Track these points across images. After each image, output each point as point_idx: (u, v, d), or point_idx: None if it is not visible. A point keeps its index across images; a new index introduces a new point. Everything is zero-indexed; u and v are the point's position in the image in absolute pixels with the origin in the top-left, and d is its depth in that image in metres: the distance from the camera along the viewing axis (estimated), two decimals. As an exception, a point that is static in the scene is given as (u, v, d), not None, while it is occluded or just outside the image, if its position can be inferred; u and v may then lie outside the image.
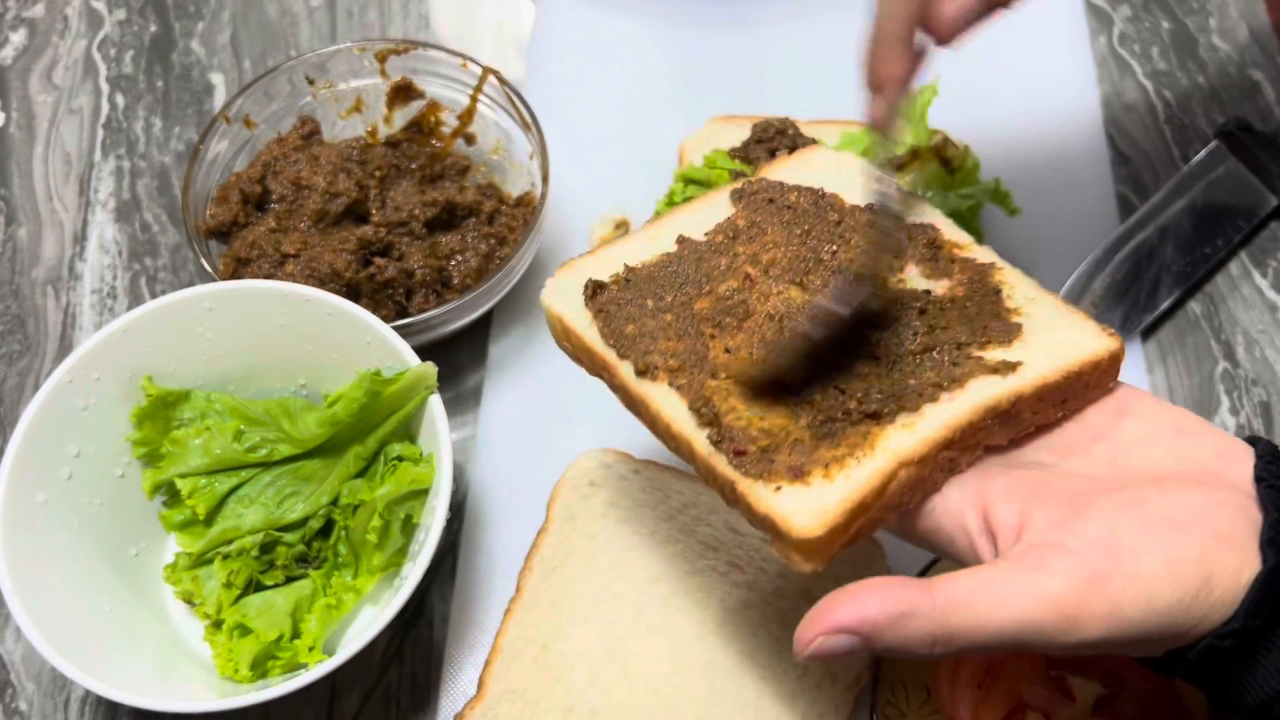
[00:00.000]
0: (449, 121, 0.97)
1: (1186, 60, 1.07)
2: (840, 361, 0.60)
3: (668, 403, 0.59)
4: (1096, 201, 0.98)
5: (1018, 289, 0.63)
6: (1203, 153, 0.98)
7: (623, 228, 0.97)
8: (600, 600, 0.77)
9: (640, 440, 0.86)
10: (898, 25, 0.63)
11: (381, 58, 0.96)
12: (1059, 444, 0.58)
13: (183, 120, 1.07)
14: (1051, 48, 1.07)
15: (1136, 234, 0.94)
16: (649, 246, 0.67)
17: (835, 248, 0.65)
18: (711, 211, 0.69)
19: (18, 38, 1.12)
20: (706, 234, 0.67)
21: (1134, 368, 0.90)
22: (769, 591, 0.77)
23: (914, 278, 0.64)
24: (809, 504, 0.53)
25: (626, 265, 0.65)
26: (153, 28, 1.12)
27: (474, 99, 0.96)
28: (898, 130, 0.65)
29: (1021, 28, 1.08)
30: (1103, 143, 1.01)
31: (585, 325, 0.63)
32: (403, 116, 0.97)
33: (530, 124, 0.92)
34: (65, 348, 0.94)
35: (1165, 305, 0.92)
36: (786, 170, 0.71)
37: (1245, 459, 0.54)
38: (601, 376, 0.64)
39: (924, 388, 0.57)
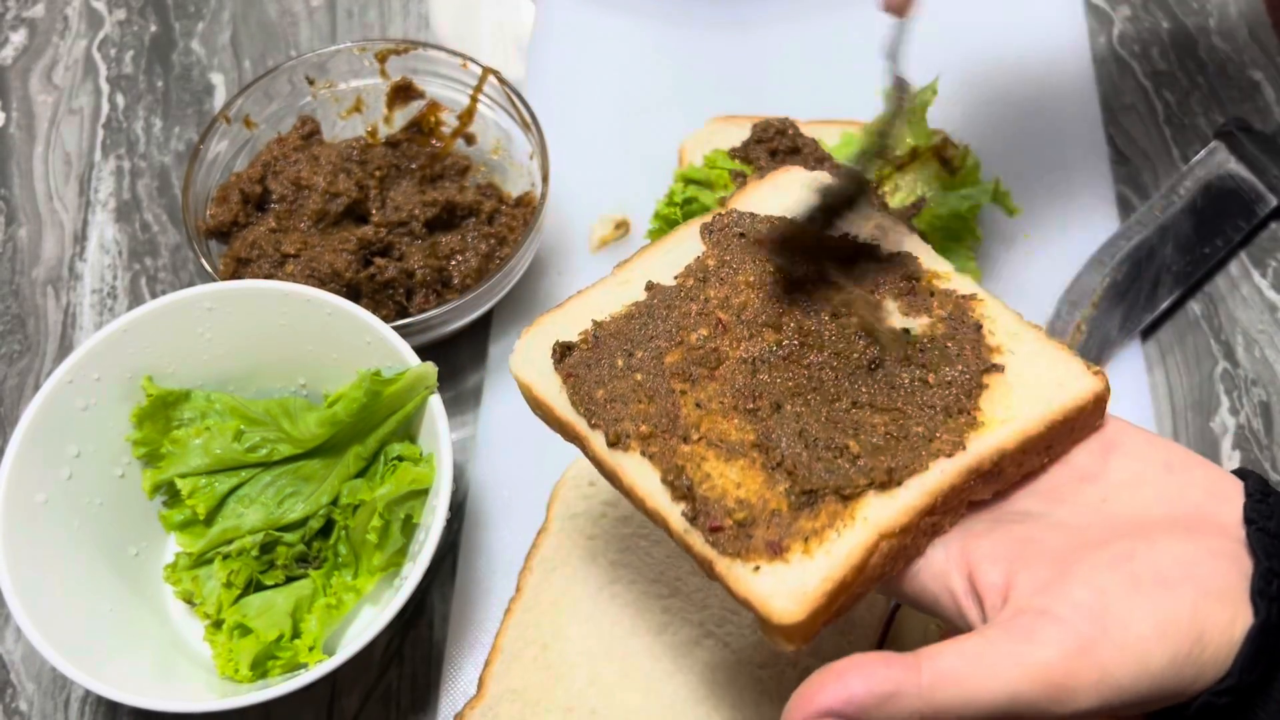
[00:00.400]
0: (449, 121, 0.97)
1: (1186, 60, 1.07)
2: (818, 395, 0.58)
3: (641, 474, 0.57)
4: (1096, 201, 0.98)
5: (999, 323, 0.60)
6: (1202, 153, 0.98)
7: (623, 228, 0.97)
8: (600, 600, 0.77)
9: (640, 440, 0.86)
10: None
11: (382, 58, 0.96)
12: (1045, 490, 0.56)
13: (183, 120, 1.07)
14: (1051, 47, 1.07)
15: (1136, 234, 0.94)
16: (618, 294, 0.64)
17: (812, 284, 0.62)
18: (681, 249, 0.66)
19: (18, 38, 1.12)
20: (676, 277, 0.64)
21: (1134, 368, 0.90)
22: (769, 591, 0.77)
23: (892, 313, 0.61)
24: (788, 584, 0.52)
25: (594, 321, 0.62)
26: (153, 28, 1.13)
27: (474, 99, 0.96)
28: (911, 18, 0.68)
29: (1021, 28, 1.09)
30: (1102, 142, 1.01)
31: (555, 393, 0.61)
32: (403, 116, 0.97)
33: (530, 124, 0.92)
34: (65, 348, 0.94)
35: (1165, 305, 0.92)
36: (758, 196, 0.68)
37: (1236, 497, 0.52)
38: (576, 445, 0.61)
39: (905, 457, 0.55)
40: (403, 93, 0.97)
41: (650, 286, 0.64)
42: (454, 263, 0.89)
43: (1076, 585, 0.49)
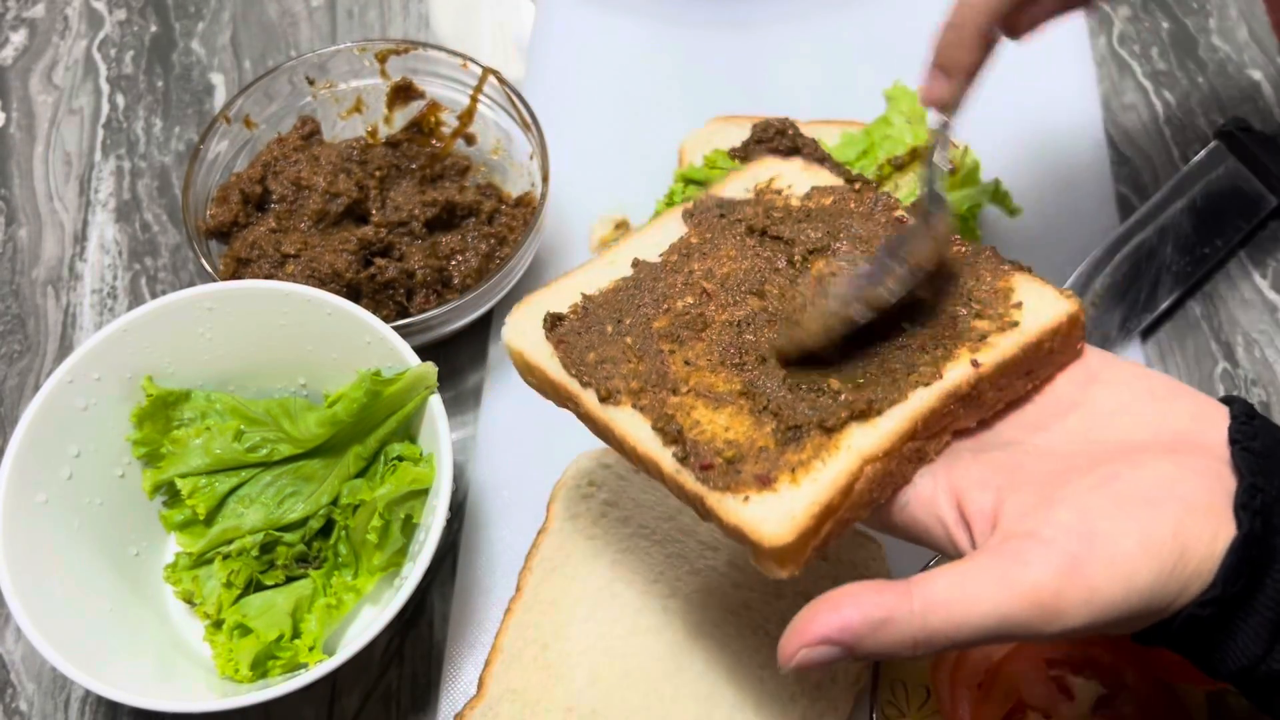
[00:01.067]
0: (449, 122, 0.97)
1: (1186, 60, 1.07)
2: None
3: (632, 425, 0.59)
4: (1096, 201, 0.98)
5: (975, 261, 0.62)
6: (1202, 153, 0.98)
7: (623, 228, 0.97)
8: (600, 600, 0.77)
9: (640, 440, 0.86)
10: (980, 15, 0.65)
11: (382, 58, 0.96)
12: (1029, 419, 0.58)
13: (183, 120, 1.07)
14: (1051, 48, 1.07)
15: (1136, 234, 0.94)
16: (606, 273, 0.67)
17: (792, 253, 0.65)
18: (665, 233, 0.69)
19: (18, 38, 1.12)
20: (661, 255, 0.67)
21: (1134, 368, 0.90)
22: (768, 591, 0.77)
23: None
24: (777, 511, 0.53)
25: (584, 295, 0.65)
26: (153, 28, 1.13)
27: (474, 99, 0.96)
28: (956, 116, 0.68)
29: (1021, 28, 1.09)
30: (1102, 143, 1.01)
31: (546, 357, 0.63)
32: (403, 117, 0.97)
33: (530, 124, 0.92)
34: (65, 348, 0.94)
35: (1165, 305, 0.92)
36: (737, 183, 0.71)
37: (1220, 420, 0.53)
38: (568, 407, 0.64)
39: (886, 389, 0.57)
40: (403, 93, 0.97)
41: (637, 263, 0.66)
42: (454, 263, 0.89)
43: (1062, 507, 0.50)
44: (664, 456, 0.57)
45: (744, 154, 0.93)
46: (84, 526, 0.75)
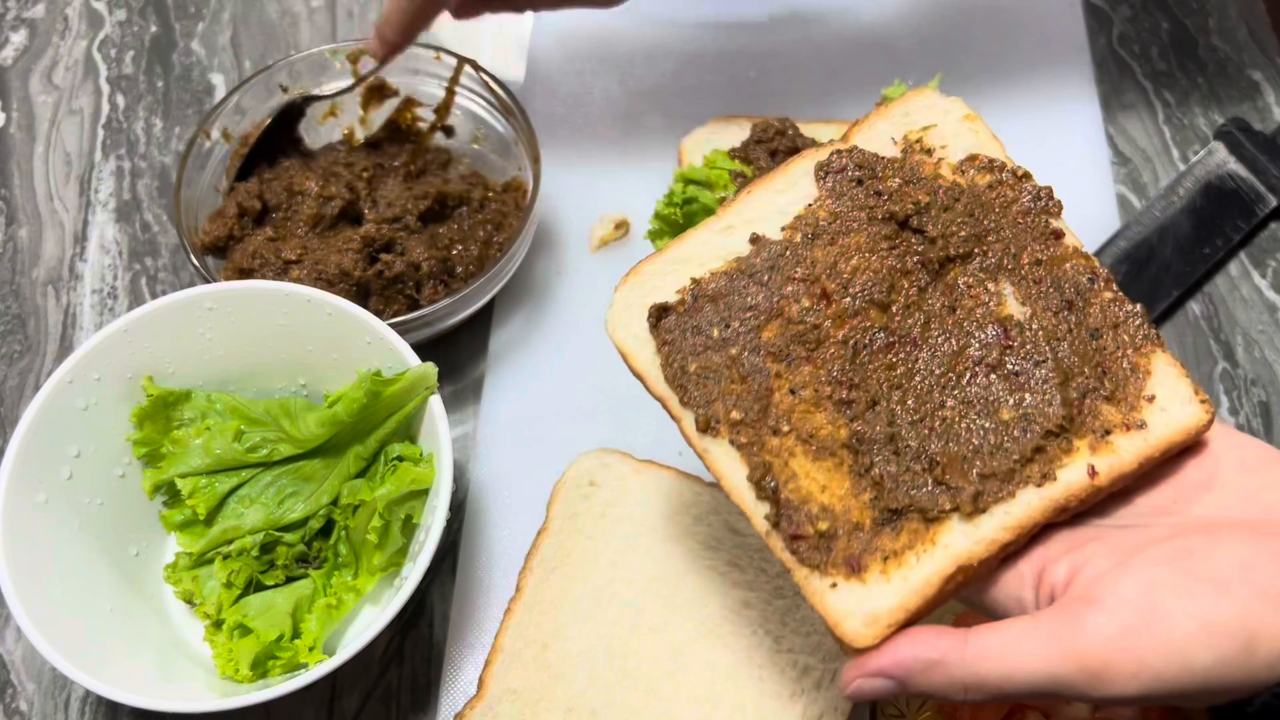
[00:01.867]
0: (425, 117, 0.97)
1: (1186, 60, 1.07)
2: (916, 390, 0.56)
3: (728, 464, 0.55)
4: (1096, 201, 0.98)
5: (1123, 328, 0.56)
6: (1202, 153, 0.98)
7: (623, 228, 0.97)
8: (600, 600, 0.77)
9: (640, 440, 0.86)
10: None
11: (353, 59, 0.95)
12: (1118, 493, 0.56)
13: (183, 121, 1.07)
14: (1050, 47, 1.07)
15: (1136, 234, 0.94)
16: (720, 244, 0.60)
17: (929, 254, 0.58)
18: (793, 191, 0.61)
19: (18, 38, 1.12)
20: (784, 228, 0.60)
21: (1133, 368, 0.90)
22: (768, 591, 0.77)
23: (1006, 298, 0.58)
24: (863, 608, 0.51)
25: (693, 280, 0.59)
26: (153, 28, 1.13)
27: (450, 91, 0.96)
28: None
29: (1020, 27, 1.09)
30: (1102, 142, 1.01)
31: (649, 359, 0.59)
32: (379, 116, 0.97)
33: (512, 108, 0.92)
34: (66, 348, 0.94)
35: (1165, 305, 0.92)
36: (884, 126, 0.63)
37: None
38: (670, 416, 0.59)
39: (994, 484, 0.53)
40: (377, 92, 0.96)
41: (756, 240, 0.60)
42: (455, 252, 0.90)
43: (1129, 578, 0.50)
44: (756, 513, 0.54)
45: (744, 154, 0.93)
46: (84, 527, 0.75)
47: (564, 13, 1.10)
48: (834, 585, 0.52)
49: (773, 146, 0.91)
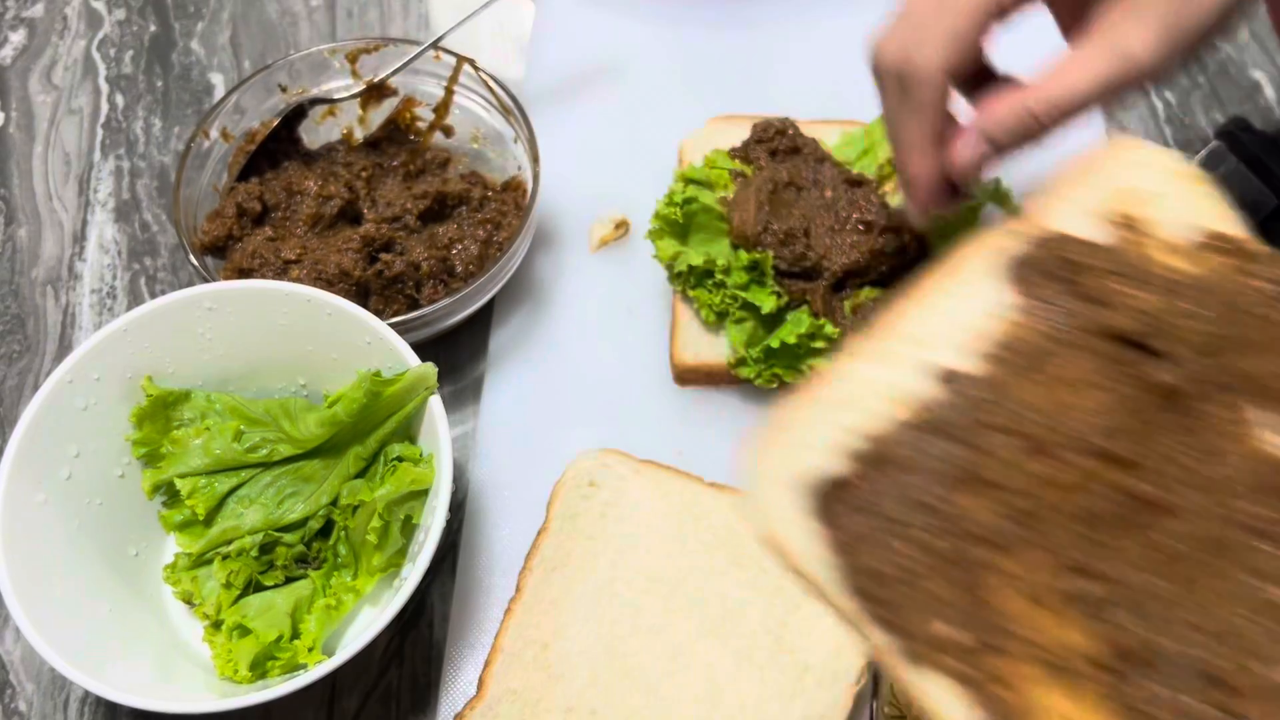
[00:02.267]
0: (424, 116, 0.97)
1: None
2: (1183, 577, 0.39)
3: (946, 703, 0.39)
4: (1097, 201, 0.98)
5: None
6: (1203, 153, 0.98)
7: (622, 228, 0.97)
8: (600, 600, 0.77)
9: (640, 440, 0.86)
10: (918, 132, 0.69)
11: (352, 58, 0.95)
12: None
13: (182, 120, 1.06)
14: (1050, 48, 1.07)
15: (1137, 234, 0.94)
16: (888, 378, 0.44)
17: (1173, 383, 0.42)
18: (974, 300, 0.45)
19: (17, 37, 1.12)
20: (970, 354, 0.44)
21: (1134, 368, 0.89)
22: (768, 591, 0.77)
23: (1265, 435, 0.41)
24: None
25: (863, 436, 0.43)
26: (152, 27, 1.12)
27: (449, 90, 0.96)
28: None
29: (1020, 28, 1.09)
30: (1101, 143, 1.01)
31: (817, 554, 0.41)
32: (378, 116, 0.97)
33: (512, 108, 0.92)
34: (65, 348, 0.94)
35: (1165, 305, 0.92)
36: (1082, 201, 0.48)
37: None
38: (847, 624, 0.42)
39: None
40: (376, 92, 0.96)
41: (940, 375, 0.44)
42: (455, 251, 0.90)
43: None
44: None
45: (744, 154, 0.93)
46: (83, 527, 0.75)
47: (564, 12, 1.11)
48: None
49: (773, 146, 0.91)
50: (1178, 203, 0.48)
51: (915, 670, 0.40)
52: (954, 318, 0.45)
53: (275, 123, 0.92)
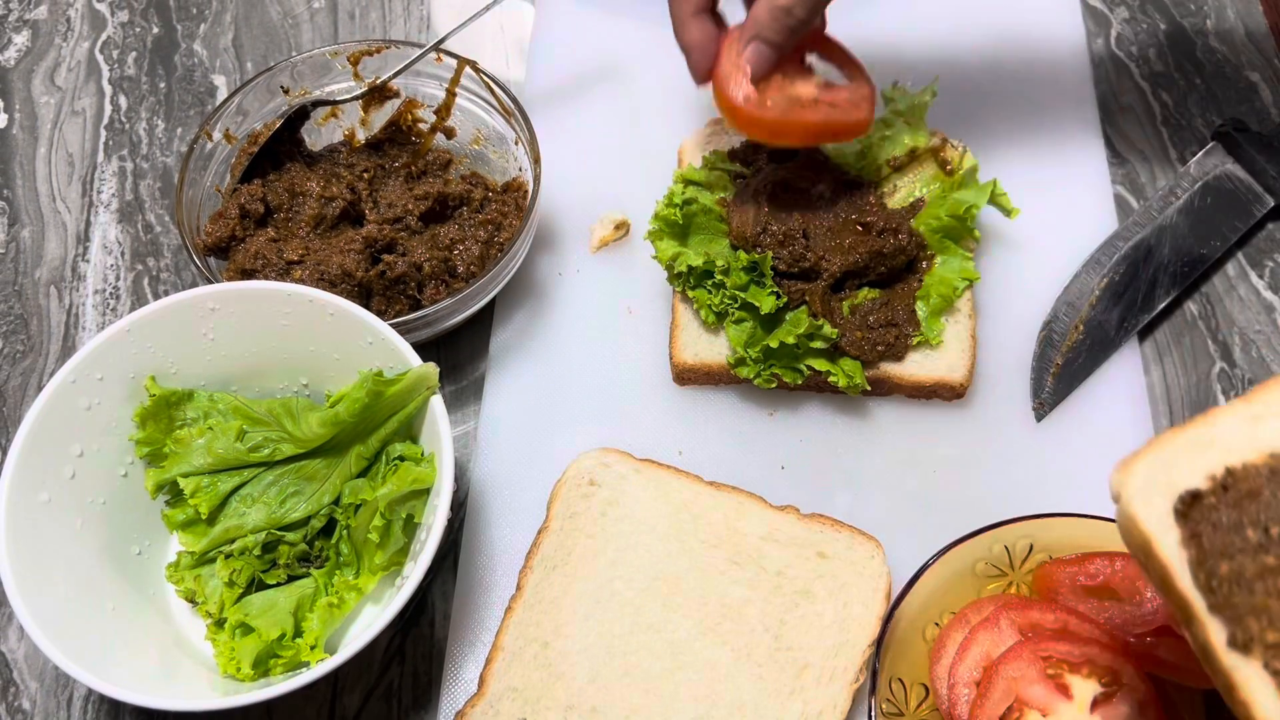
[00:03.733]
0: (426, 118, 0.97)
1: (1184, 62, 1.07)
2: None
3: (1260, 690, 0.50)
4: (1094, 202, 0.98)
5: None
6: (1200, 154, 0.98)
7: (623, 228, 0.97)
8: (600, 599, 0.77)
9: (640, 440, 0.87)
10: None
11: (354, 60, 0.95)
12: None
13: (185, 122, 1.07)
14: (1049, 49, 1.08)
15: (1134, 234, 0.94)
16: (1253, 432, 0.55)
17: None
18: None
19: (21, 39, 1.12)
20: None
21: (1131, 368, 0.90)
22: (768, 589, 0.77)
23: None
24: None
25: (1227, 469, 0.53)
26: (155, 30, 1.13)
27: (450, 92, 0.96)
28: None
29: (1020, 29, 1.09)
30: (1100, 143, 1.02)
31: (1173, 548, 0.52)
32: (380, 117, 0.98)
33: (513, 110, 0.92)
34: (68, 348, 0.94)
35: (1162, 305, 0.92)
36: None
37: None
38: (1180, 615, 0.54)
39: None
40: (377, 93, 0.97)
41: None
42: (456, 252, 0.90)
43: None
44: None
45: (743, 155, 0.93)
46: (87, 526, 0.76)
47: (564, 15, 1.11)
48: None
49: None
50: None
51: (1236, 656, 0.50)
52: None
53: (278, 124, 0.93)
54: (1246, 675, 0.50)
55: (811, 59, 0.86)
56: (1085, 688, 0.69)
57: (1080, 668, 0.69)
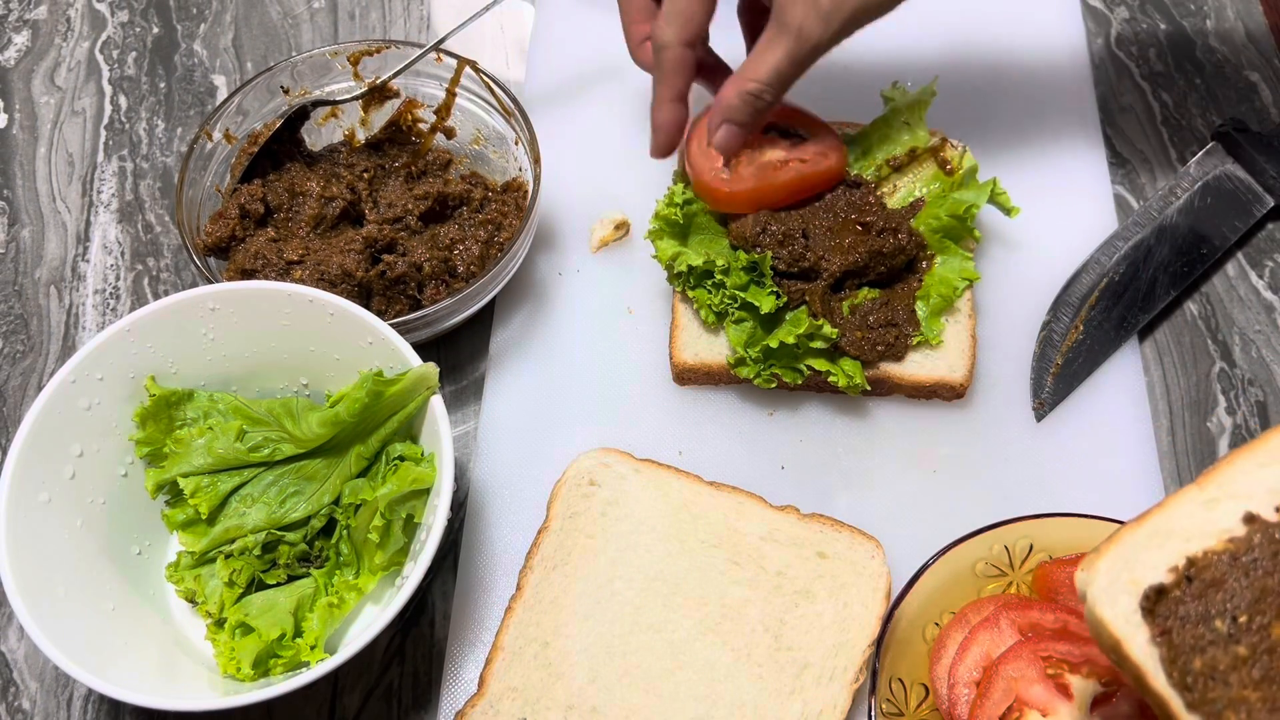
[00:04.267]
0: (426, 118, 0.97)
1: (1183, 62, 1.07)
2: None
3: None
4: (1094, 202, 0.98)
5: None
6: (1199, 154, 0.98)
7: (623, 228, 0.97)
8: (600, 598, 0.77)
9: (640, 440, 0.87)
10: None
11: (354, 60, 0.95)
12: None
13: (185, 122, 1.07)
14: (1049, 49, 1.08)
15: (1134, 234, 0.94)
16: (1206, 519, 0.55)
17: None
18: (1278, 466, 0.56)
19: (21, 39, 1.12)
20: (1278, 508, 0.55)
21: (1131, 368, 0.90)
22: (767, 589, 0.77)
23: None
24: None
25: (1188, 560, 0.54)
26: (155, 29, 1.13)
27: (450, 92, 0.96)
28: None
29: (1019, 29, 1.09)
30: (1100, 144, 1.02)
31: (1144, 648, 0.53)
32: (380, 117, 0.98)
33: (513, 110, 0.92)
34: (68, 348, 0.94)
35: (1162, 305, 0.92)
36: None
37: None
38: (1157, 711, 0.54)
39: None
40: (377, 93, 0.97)
41: (1250, 520, 0.55)
42: (456, 252, 0.90)
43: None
44: None
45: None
46: (87, 526, 0.76)
47: (564, 15, 1.11)
48: None
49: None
50: None
51: None
52: (1259, 478, 0.56)
53: (278, 124, 0.93)
54: None
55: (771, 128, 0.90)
56: (1085, 687, 0.69)
57: (1080, 667, 0.69)
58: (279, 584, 0.78)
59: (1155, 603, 0.53)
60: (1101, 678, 0.69)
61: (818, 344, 0.82)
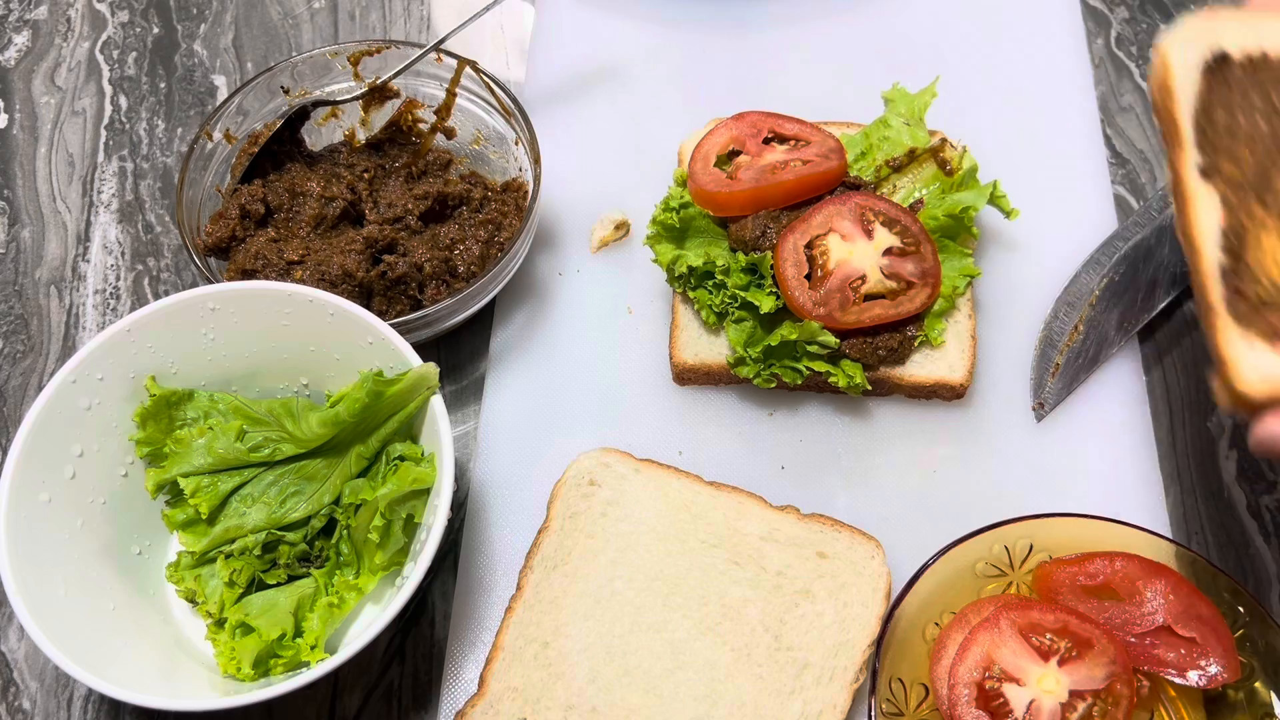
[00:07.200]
0: (426, 118, 0.98)
1: (1184, 62, 1.07)
2: None
3: (1206, 210, 0.61)
4: (1094, 202, 0.98)
5: None
6: (1200, 154, 0.98)
7: (623, 229, 0.97)
8: (600, 598, 0.77)
9: (640, 440, 0.87)
10: None
11: (354, 60, 0.95)
12: None
13: (185, 122, 1.07)
14: (1049, 50, 1.08)
15: (1134, 234, 0.94)
16: None
17: None
18: None
19: (21, 39, 1.12)
20: None
21: (1131, 368, 0.90)
22: (768, 589, 0.77)
23: None
24: (1264, 368, 0.59)
25: (1264, 52, 0.64)
26: (155, 30, 1.13)
27: (451, 93, 0.96)
28: None
29: (1019, 30, 1.09)
30: (1100, 144, 1.02)
31: (1186, 89, 0.63)
32: (380, 117, 0.98)
33: (513, 110, 0.92)
34: (69, 348, 0.94)
35: (1162, 305, 0.92)
36: None
37: None
38: (1167, 146, 0.64)
39: None
40: (378, 93, 0.96)
41: None
42: (457, 252, 0.90)
43: None
44: (1210, 255, 0.61)
45: (743, 155, 0.93)
46: (87, 526, 0.76)
47: (564, 15, 1.11)
48: (1250, 344, 0.60)
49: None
50: None
51: (1200, 181, 0.62)
52: None
53: (278, 124, 0.93)
54: (1200, 198, 0.62)
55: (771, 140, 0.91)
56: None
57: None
58: (279, 584, 0.78)
59: (1217, 66, 0.63)
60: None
61: (815, 349, 0.82)
